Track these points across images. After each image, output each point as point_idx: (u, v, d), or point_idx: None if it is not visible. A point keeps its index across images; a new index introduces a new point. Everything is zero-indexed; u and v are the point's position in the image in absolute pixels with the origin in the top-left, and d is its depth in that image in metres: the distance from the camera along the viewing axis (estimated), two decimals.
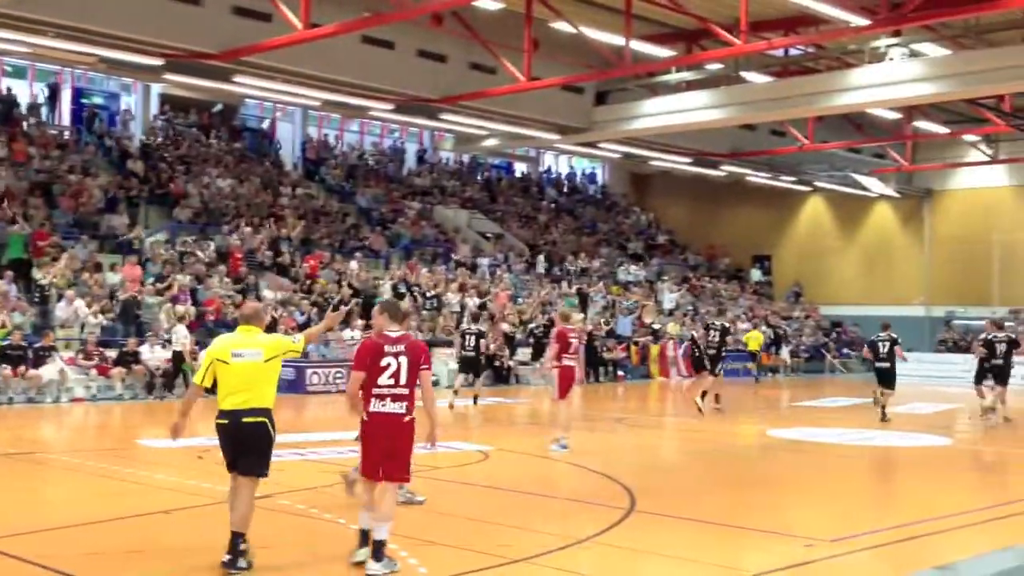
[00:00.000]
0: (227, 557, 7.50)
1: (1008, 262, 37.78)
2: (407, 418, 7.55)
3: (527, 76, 26.73)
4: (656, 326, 33.05)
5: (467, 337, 21.08)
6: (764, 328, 35.06)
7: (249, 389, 7.61)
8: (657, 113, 30.42)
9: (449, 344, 26.06)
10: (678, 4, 24.61)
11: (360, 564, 7.44)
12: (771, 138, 36.48)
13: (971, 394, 20.31)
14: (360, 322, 26.33)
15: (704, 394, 19.52)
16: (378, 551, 7.33)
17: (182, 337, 21.07)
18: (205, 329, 22.58)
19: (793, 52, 28.81)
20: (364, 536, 7.60)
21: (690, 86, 30.52)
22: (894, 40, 25.35)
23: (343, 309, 9.67)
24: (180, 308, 22.68)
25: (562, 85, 29.37)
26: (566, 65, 28.20)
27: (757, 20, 25.29)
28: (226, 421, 7.68)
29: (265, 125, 38.05)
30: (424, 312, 28.05)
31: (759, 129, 36.15)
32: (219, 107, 35.61)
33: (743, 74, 28.47)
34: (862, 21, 20.82)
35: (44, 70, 32.22)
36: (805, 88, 27.74)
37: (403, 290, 28.70)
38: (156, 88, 33.36)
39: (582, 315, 27.75)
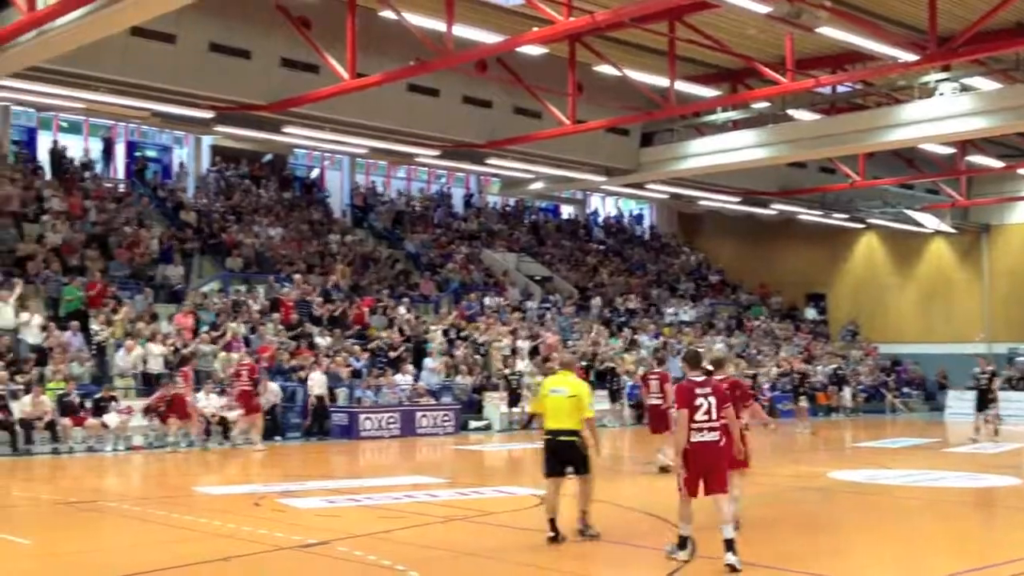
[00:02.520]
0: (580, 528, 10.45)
1: None
2: (721, 443, 9.30)
3: (572, 119, 26.85)
4: (710, 368, 32.63)
5: (511, 380, 21.05)
6: (823, 367, 34.64)
7: (561, 417, 10.16)
8: (704, 153, 30.37)
9: (498, 388, 26.02)
10: (722, 44, 24.60)
11: (671, 558, 9.40)
12: (821, 175, 36.18)
13: None
14: (411, 368, 26.39)
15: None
16: (731, 546, 9.01)
17: (319, 383, 22.28)
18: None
19: (841, 89, 28.60)
20: (684, 540, 9.45)
21: (737, 125, 30.43)
22: (944, 75, 25.07)
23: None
24: (234, 355, 22.86)
25: (607, 127, 29.43)
26: (611, 107, 28.26)
27: (803, 58, 25.22)
28: (549, 437, 10.32)
29: (314, 174, 38.53)
30: (476, 356, 28.01)
31: (808, 167, 35.88)
32: (269, 157, 36.14)
33: (790, 112, 28.34)
34: (910, 57, 20.63)
35: (98, 124, 32.94)
36: (854, 125, 27.54)
37: (453, 336, 28.72)
38: (207, 140, 33.94)
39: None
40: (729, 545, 8.98)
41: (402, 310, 29.46)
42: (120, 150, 33.56)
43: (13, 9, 19.79)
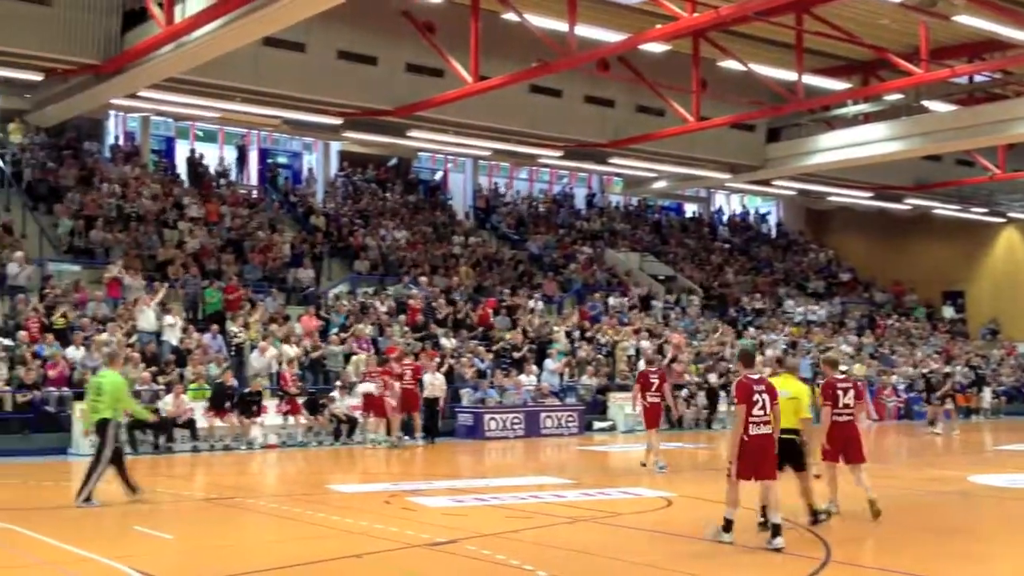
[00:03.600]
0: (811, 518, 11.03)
1: None
2: (772, 435, 10.24)
3: (696, 116, 26.53)
4: (843, 367, 31.74)
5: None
6: (961, 367, 33.30)
7: (784, 417, 10.51)
8: (834, 147, 29.62)
9: (625, 388, 25.83)
10: (852, 35, 23.93)
11: (718, 540, 10.21)
12: (958, 168, 34.86)
13: None
14: (535, 368, 26.47)
15: None
16: (776, 531, 9.90)
17: (438, 384, 22.31)
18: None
19: (978, 78, 27.50)
20: (729, 524, 10.29)
21: (868, 118, 29.58)
22: None
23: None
24: (360, 356, 23.32)
25: (733, 123, 28.98)
26: (736, 103, 27.81)
27: (938, 47, 24.36)
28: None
29: (438, 176, 39.06)
30: (600, 357, 27.91)
31: (944, 160, 34.60)
32: (394, 161, 36.82)
33: (925, 103, 27.37)
34: None
35: (232, 133, 34.12)
36: (993, 115, 26.46)
37: (576, 336, 28.67)
38: (335, 146, 34.79)
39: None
40: (776, 530, 9.85)
41: (531, 303, 29.57)
42: (253, 157, 34.70)
43: (152, 23, 20.68)
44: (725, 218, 45.57)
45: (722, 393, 26.52)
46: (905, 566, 9.40)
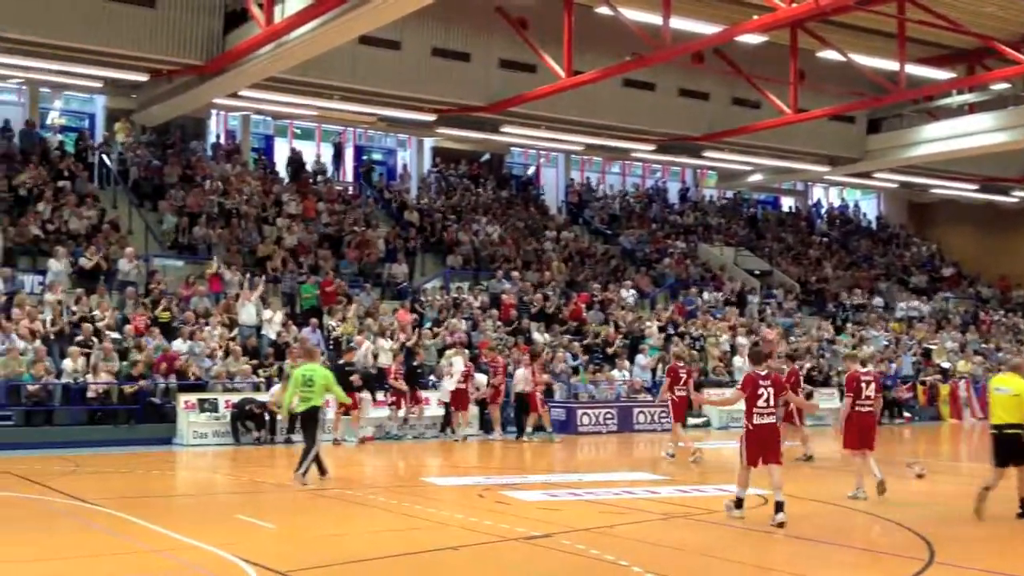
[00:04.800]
0: None
1: None
2: (777, 424, 11.33)
3: (794, 108, 26.08)
4: (946, 364, 30.92)
5: None
6: None
7: (1007, 412, 11.31)
8: (938, 139, 28.82)
9: (720, 385, 25.53)
10: (957, 23, 23.23)
11: (730, 515, 11.34)
12: None
13: None
14: (627, 363, 26.34)
15: None
16: (780, 507, 10.83)
17: (522, 379, 21.76)
18: (481, 371, 23.22)
19: None
20: (740, 501, 11.43)
21: (973, 108, 28.68)
22: None
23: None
24: (451, 351, 23.47)
25: (832, 115, 28.41)
26: (835, 94, 27.25)
27: None
28: (996, 432, 11.44)
29: (530, 172, 39.12)
30: (694, 353, 27.62)
31: None
32: (487, 157, 36.99)
33: None
34: None
35: (329, 130, 34.70)
36: None
37: (671, 331, 28.43)
38: (429, 142, 35.11)
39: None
40: (779, 506, 10.84)
41: (623, 293, 29.41)
42: (349, 154, 35.22)
43: (252, 23, 21.17)
44: (823, 211, 44.64)
45: (820, 390, 25.98)
46: (1010, 567, 9.13)
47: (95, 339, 20.69)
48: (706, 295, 32.00)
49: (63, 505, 12.18)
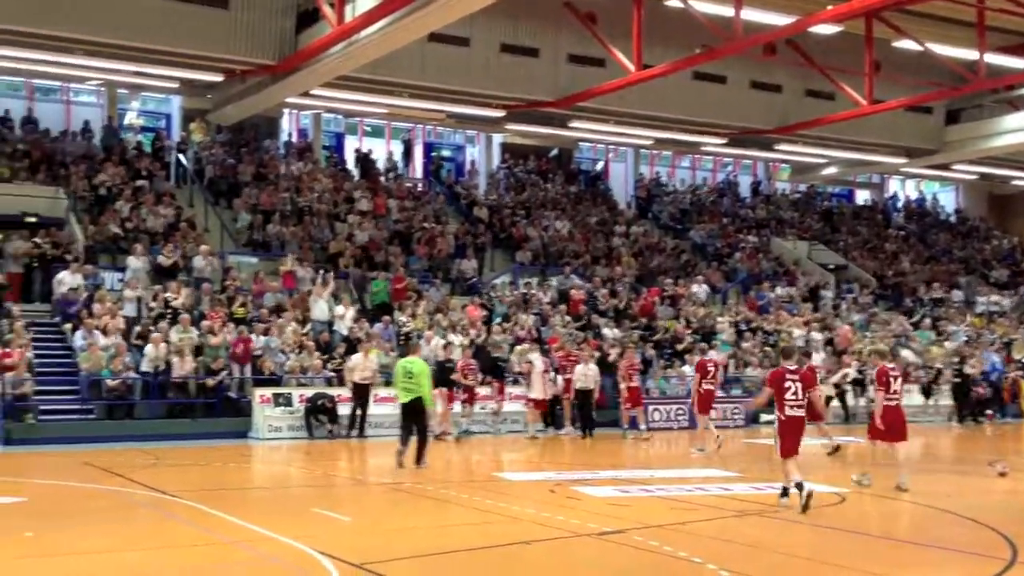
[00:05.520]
0: None
1: None
2: (804, 417, 11.93)
3: (869, 99, 25.61)
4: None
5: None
6: None
7: None
8: (1019, 129, 28.20)
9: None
10: None
11: (781, 504, 11.70)
12: None
13: None
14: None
15: None
16: (801, 487, 11.31)
17: (591, 375, 21.47)
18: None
19: None
20: (785, 490, 11.75)
21: None
22: None
23: None
24: (523, 346, 23.47)
25: (908, 106, 27.81)
26: (911, 85, 26.67)
27: None
28: None
29: (599, 167, 38.98)
30: (767, 348, 27.27)
31: None
32: (555, 152, 36.95)
33: None
34: None
35: (399, 128, 34.96)
36: None
37: (743, 327, 28.08)
38: (497, 138, 35.19)
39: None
40: (800, 486, 11.30)
41: (694, 288, 29.17)
42: (418, 151, 35.45)
43: (324, 23, 21.41)
44: (900, 204, 43.73)
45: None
46: None
47: (174, 328, 21.07)
48: (779, 290, 31.56)
49: (144, 497, 12.46)
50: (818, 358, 27.11)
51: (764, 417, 25.21)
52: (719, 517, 11.28)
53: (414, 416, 15.05)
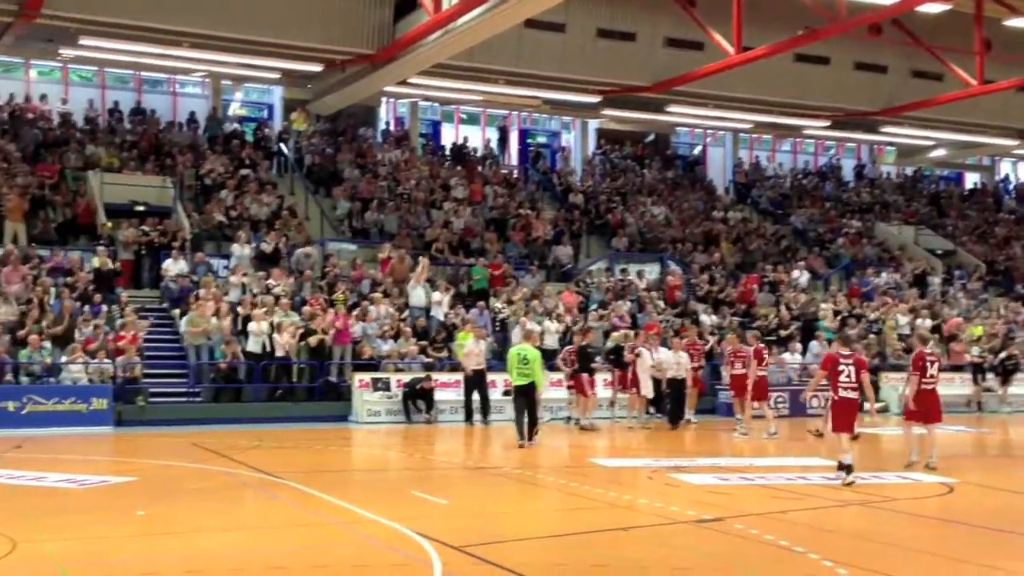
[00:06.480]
0: None
1: None
2: (858, 400, 12.85)
3: (979, 80, 24.77)
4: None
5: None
6: None
7: None
8: None
9: (898, 369, 24.46)
10: None
11: (842, 481, 12.28)
12: None
13: None
14: (799, 346, 25.60)
15: None
16: (849, 468, 12.32)
17: (674, 362, 20.73)
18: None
19: None
20: (847, 468, 12.40)
21: None
22: None
23: None
24: (618, 334, 23.28)
25: (1021, 86, 26.76)
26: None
27: None
28: None
29: (696, 151, 38.50)
30: (871, 336, 26.59)
31: None
32: (652, 137, 36.61)
33: None
34: None
35: (494, 115, 35.04)
36: None
37: (846, 315, 27.42)
38: (593, 124, 35.01)
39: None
40: (848, 469, 12.26)
41: (795, 274, 28.60)
42: (513, 138, 35.50)
43: (421, 11, 21.58)
44: (1012, 187, 42.17)
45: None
46: None
47: (276, 313, 21.49)
48: (884, 276, 30.74)
49: (249, 477, 12.78)
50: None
51: (867, 406, 24.69)
52: (821, 506, 11.06)
53: (526, 398, 16.26)
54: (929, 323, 26.99)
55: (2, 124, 26.87)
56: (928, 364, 13.90)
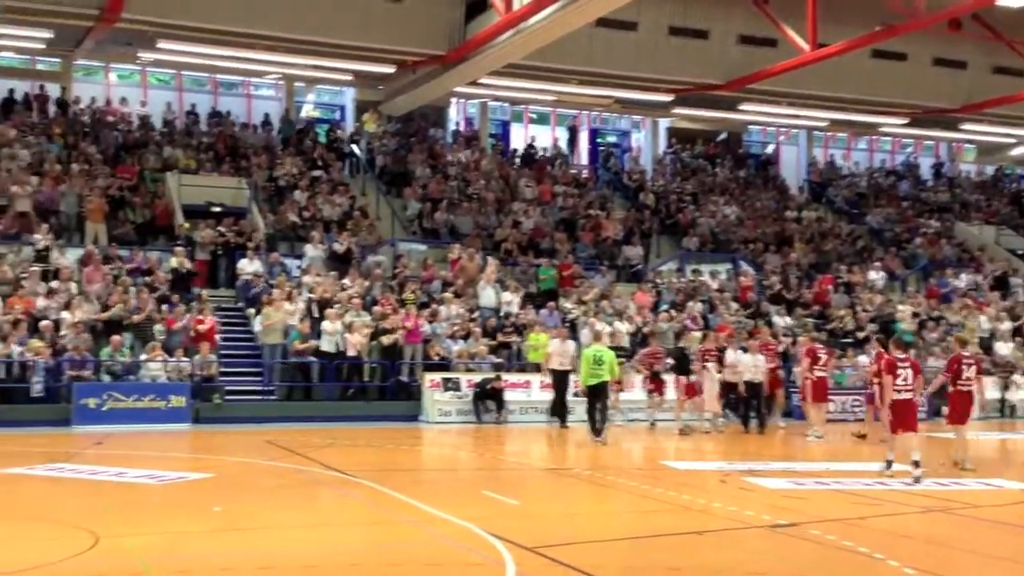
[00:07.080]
0: None
1: None
2: (913, 400, 13.32)
3: None
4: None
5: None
6: None
7: None
8: None
9: (988, 373, 23.81)
10: None
11: (883, 473, 13.23)
12: None
13: None
14: (875, 349, 25.06)
15: None
16: (917, 464, 12.58)
17: (751, 364, 20.06)
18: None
19: None
20: (889, 464, 13.37)
21: None
22: None
23: None
24: (696, 335, 23.00)
25: None
26: None
27: None
28: None
29: (769, 150, 37.98)
30: (950, 338, 25.91)
31: None
32: (723, 136, 36.20)
33: None
34: None
35: (564, 114, 34.96)
36: None
37: (925, 317, 26.80)
38: (663, 123, 34.74)
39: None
40: (917, 464, 12.54)
41: (871, 274, 28.05)
42: (583, 137, 35.38)
43: (492, 11, 21.61)
44: None
45: None
46: None
47: (348, 312, 21.66)
48: (964, 277, 29.99)
49: (323, 475, 12.91)
50: (1006, 348, 25.78)
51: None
52: (901, 513, 10.82)
53: (599, 397, 16.98)
54: (1009, 325, 26.31)
55: (83, 127, 27.57)
56: (964, 367, 14.10)
